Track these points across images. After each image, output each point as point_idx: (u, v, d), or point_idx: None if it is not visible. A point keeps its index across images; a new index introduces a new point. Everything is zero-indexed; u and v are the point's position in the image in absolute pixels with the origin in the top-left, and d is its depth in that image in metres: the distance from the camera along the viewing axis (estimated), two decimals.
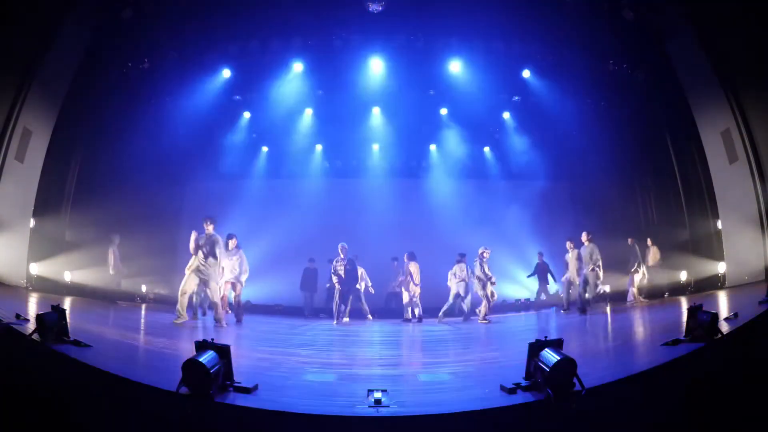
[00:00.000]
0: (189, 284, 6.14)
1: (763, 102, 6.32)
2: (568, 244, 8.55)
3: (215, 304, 6.25)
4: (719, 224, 7.49)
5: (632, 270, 8.59)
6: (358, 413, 2.51)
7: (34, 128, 6.97)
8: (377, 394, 2.63)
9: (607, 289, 9.30)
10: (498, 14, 8.00)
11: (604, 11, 7.70)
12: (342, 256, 8.21)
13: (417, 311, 8.74)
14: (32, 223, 7.21)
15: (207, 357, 2.57)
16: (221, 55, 8.73)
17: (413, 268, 8.81)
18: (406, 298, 8.95)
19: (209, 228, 6.33)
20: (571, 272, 8.36)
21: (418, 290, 8.77)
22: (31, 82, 6.68)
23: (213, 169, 11.30)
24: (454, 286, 8.38)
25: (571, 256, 8.44)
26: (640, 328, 5.48)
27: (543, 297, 10.26)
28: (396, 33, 8.59)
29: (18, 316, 3.69)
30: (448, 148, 11.60)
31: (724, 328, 3.26)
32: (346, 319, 8.22)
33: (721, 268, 7.42)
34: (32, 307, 5.29)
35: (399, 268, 9.92)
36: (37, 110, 6.95)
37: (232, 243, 7.27)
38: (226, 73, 9.11)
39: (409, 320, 8.67)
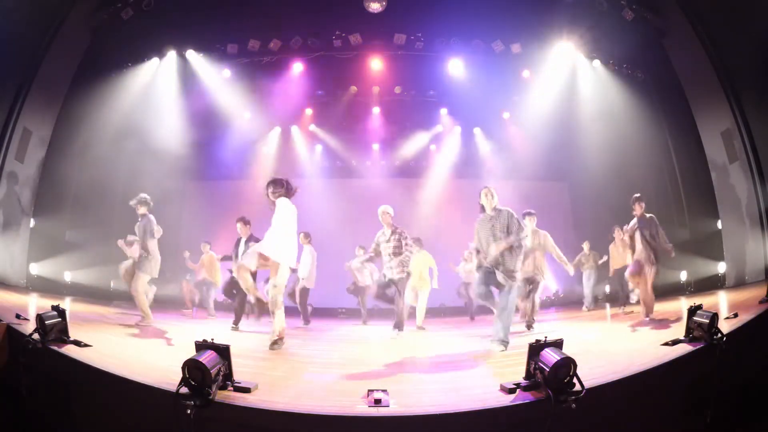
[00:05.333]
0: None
1: (763, 102, 6.32)
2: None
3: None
4: (719, 224, 7.49)
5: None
6: (358, 413, 2.51)
7: (34, 128, 6.98)
8: (377, 394, 2.63)
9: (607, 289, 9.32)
10: (498, 14, 8.01)
11: (604, 11, 7.70)
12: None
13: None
14: (32, 223, 7.22)
15: (207, 357, 2.57)
16: (221, 55, 8.73)
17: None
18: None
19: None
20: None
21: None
22: (31, 82, 6.69)
23: (213, 168, 11.31)
24: None
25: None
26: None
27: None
28: (396, 33, 8.57)
29: (18, 316, 3.69)
30: (447, 148, 11.63)
31: (724, 328, 3.26)
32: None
33: (721, 268, 7.42)
34: (32, 307, 5.29)
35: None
36: (37, 110, 6.95)
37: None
38: (227, 72, 9.12)
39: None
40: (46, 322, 3.20)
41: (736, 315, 3.73)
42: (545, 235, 6.43)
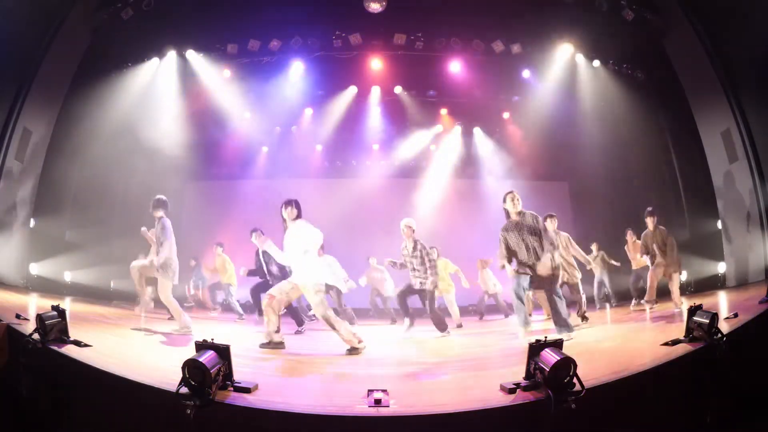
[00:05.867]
0: None
1: (763, 102, 6.32)
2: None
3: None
4: (719, 224, 7.49)
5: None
6: (358, 413, 2.51)
7: (34, 128, 6.98)
8: (377, 394, 2.63)
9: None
10: (498, 14, 8.01)
11: (604, 11, 7.70)
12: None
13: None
14: (32, 223, 7.21)
15: (207, 357, 2.57)
16: (221, 55, 8.73)
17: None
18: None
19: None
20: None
21: None
22: (31, 82, 6.69)
23: (213, 168, 11.32)
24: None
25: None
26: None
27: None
28: (396, 33, 8.57)
29: (18, 316, 3.69)
30: (447, 148, 11.63)
31: (724, 328, 3.26)
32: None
33: (721, 268, 7.42)
34: (32, 307, 5.29)
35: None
36: (37, 110, 6.95)
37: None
38: (227, 72, 9.13)
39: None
40: (46, 322, 3.19)
41: (736, 315, 3.73)
42: (567, 237, 6.60)
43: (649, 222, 6.51)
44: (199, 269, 9.48)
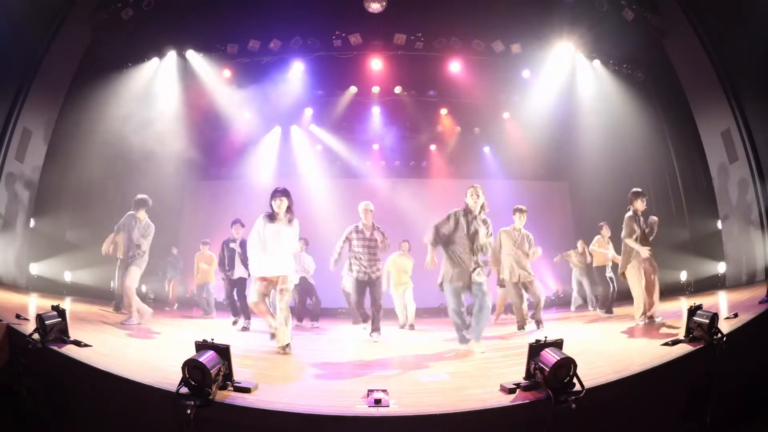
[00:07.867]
0: None
1: (763, 102, 6.32)
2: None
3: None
4: (719, 224, 7.49)
5: None
6: (358, 413, 2.51)
7: (34, 128, 6.97)
8: (377, 394, 2.63)
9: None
10: (498, 14, 8.02)
11: (604, 11, 7.70)
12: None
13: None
14: (32, 223, 7.21)
15: (207, 357, 2.57)
16: (221, 54, 8.74)
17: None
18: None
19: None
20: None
21: None
22: (31, 82, 6.69)
23: (213, 168, 11.32)
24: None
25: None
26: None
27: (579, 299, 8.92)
28: (396, 33, 8.57)
29: (18, 316, 3.69)
30: (447, 148, 11.64)
31: (724, 328, 3.26)
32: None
33: (721, 268, 7.42)
34: (32, 307, 5.29)
35: None
36: (37, 110, 6.95)
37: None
38: (227, 72, 9.12)
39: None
40: (46, 322, 3.20)
41: (736, 315, 3.73)
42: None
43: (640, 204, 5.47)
44: (177, 260, 9.60)
